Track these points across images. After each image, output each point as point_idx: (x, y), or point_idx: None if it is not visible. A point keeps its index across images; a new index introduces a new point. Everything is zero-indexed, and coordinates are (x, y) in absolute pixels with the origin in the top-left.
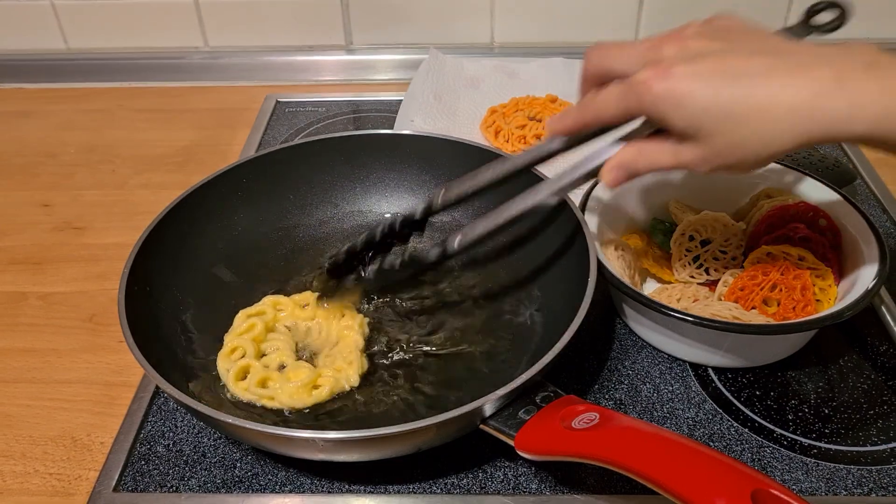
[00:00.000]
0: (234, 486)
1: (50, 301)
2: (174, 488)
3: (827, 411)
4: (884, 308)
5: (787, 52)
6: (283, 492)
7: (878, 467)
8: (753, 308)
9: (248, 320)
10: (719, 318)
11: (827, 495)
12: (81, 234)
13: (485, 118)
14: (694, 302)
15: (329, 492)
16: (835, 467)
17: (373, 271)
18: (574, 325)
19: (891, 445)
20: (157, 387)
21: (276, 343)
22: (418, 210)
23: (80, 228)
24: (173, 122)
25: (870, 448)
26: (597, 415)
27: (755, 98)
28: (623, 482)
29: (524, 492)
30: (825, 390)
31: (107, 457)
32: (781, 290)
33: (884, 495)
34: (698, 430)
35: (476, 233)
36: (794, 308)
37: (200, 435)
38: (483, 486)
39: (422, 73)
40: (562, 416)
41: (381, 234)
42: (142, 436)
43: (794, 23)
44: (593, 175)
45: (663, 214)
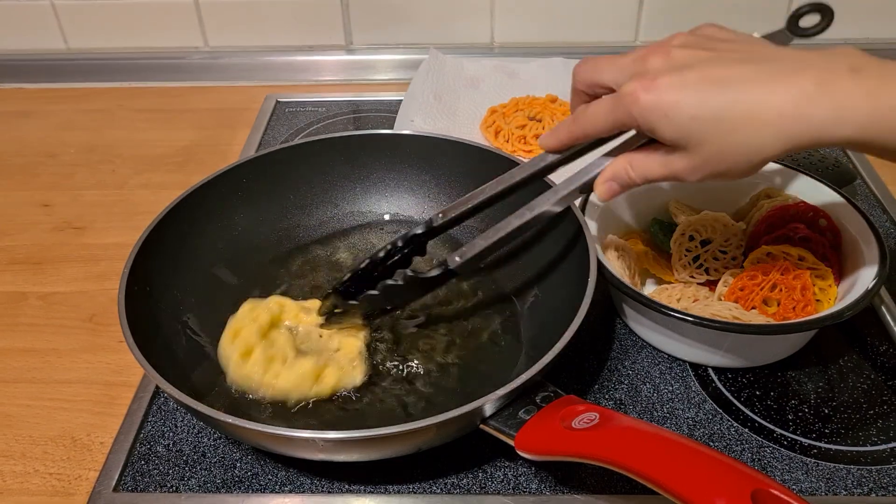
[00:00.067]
0: (234, 486)
1: (50, 301)
2: (174, 488)
3: (827, 411)
4: (884, 308)
5: (772, 58)
6: (283, 492)
7: (878, 467)
8: (753, 308)
9: (255, 310)
10: (719, 318)
11: (827, 495)
12: (81, 234)
13: (485, 118)
14: (694, 302)
15: (329, 492)
16: (835, 467)
17: (377, 292)
18: (574, 325)
19: (891, 445)
20: (157, 387)
21: (277, 339)
22: (419, 230)
23: (80, 228)
24: (173, 122)
25: (870, 448)
26: (597, 415)
27: (742, 105)
28: (623, 482)
29: (524, 492)
30: (825, 390)
31: (107, 457)
32: (781, 290)
33: (884, 495)
34: (698, 430)
35: (476, 250)
36: (794, 308)
37: (200, 435)
38: (483, 486)
39: (422, 73)
40: (562, 416)
41: (384, 256)
42: (142, 436)
43: (780, 27)
44: (588, 187)
45: (663, 214)
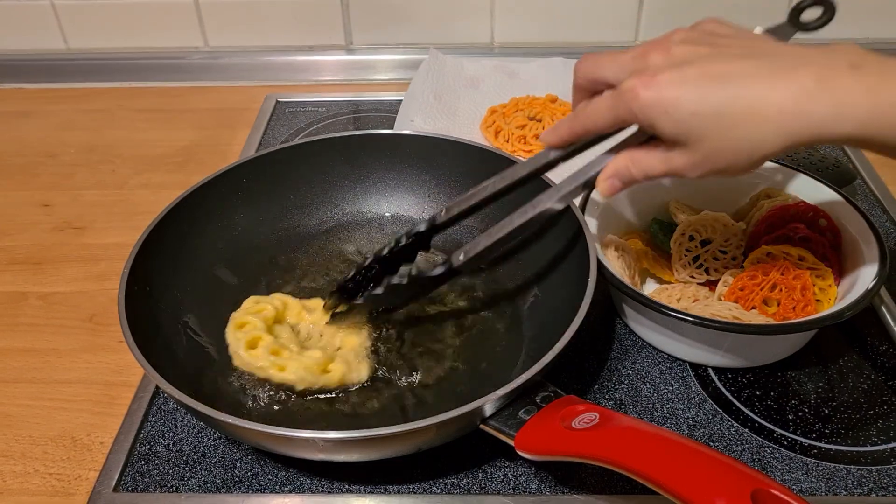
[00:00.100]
0: (233, 486)
1: (50, 301)
2: (174, 488)
3: (827, 411)
4: (884, 308)
5: (772, 54)
6: (283, 492)
7: (878, 467)
8: (753, 308)
9: (258, 304)
10: (719, 318)
11: (827, 495)
12: (81, 234)
13: (485, 118)
14: (694, 302)
15: (329, 492)
16: (835, 467)
17: (381, 291)
18: (574, 325)
19: (891, 445)
20: (157, 387)
21: (281, 334)
22: (422, 226)
23: (80, 228)
24: (173, 122)
25: (870, 448)
26: (597, 415)
27: (742, 101)
28: (623, 482)
29: (524, 492)
30: (825, 390)
31: (107, 457)
32: (781, 290)
33: (884, 495)
34: (698, 430)
35: (479, 247)
36: (794, 308)
37: (200, 435)
38: (483, 486)
39: (422, 73)
40: (562, 416)
41: (387, 253)
42: (142, 436)
43: (781, 21)
44: (591, 184)
45: (663, 214)
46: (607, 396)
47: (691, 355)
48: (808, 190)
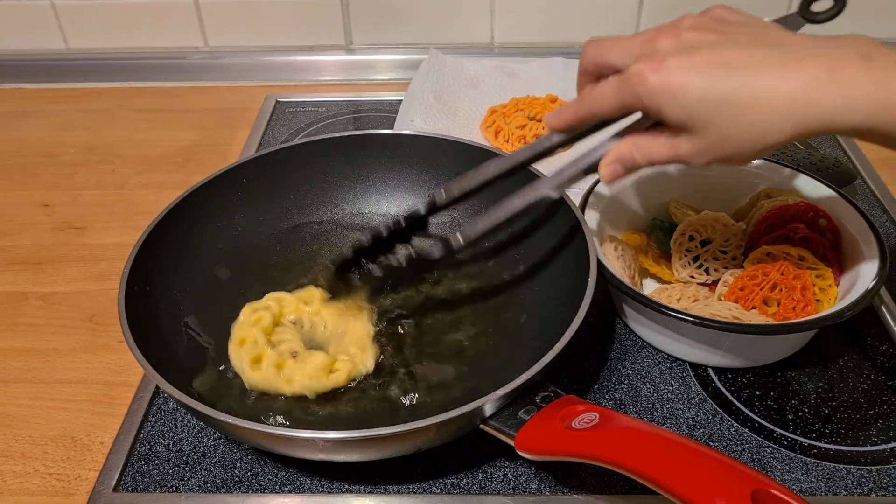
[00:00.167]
0: (233, 486)
1: (50, 301)
2: (174, 488)
3: (827, 411)
4: (884, 308)
5: (782, 43)
6: (283, 492)
7: (878, 467)
8: (753, 308)
9: (256, 313)
10: (719, 318)
11: (827, 495)
12: (81, 234)
13: (485, 118)
14: (694, 302)
15: (329, 492)
16: (835, 467)
17: (378, 268)
18: (574, 325)
19: (891, 445)
20: (157, 387)
21: (284, 335)
22: (422, 207)
23: (80, 228)
24: (173, 122)
25: (870, 448)
26: (597, 415)
27: (750, 89)
28: (623, 482)
29: (524, 492)
30: (825, 390)
31: (107, 457)
32: (781, 290)
33: (884, 495)
34: (698, 430)
35: (478, 228)
36: (794, 308)
37: (200, 435)
38: (483, 486)
39: (422, 73)
40: (562, 416)
41: (386, 232)
42: (142, 436)
43: (792, 11)
44: (592, 169)
45: (663, 214)
46: (607, 396)
47: (691, 355)
48: (808, 190)
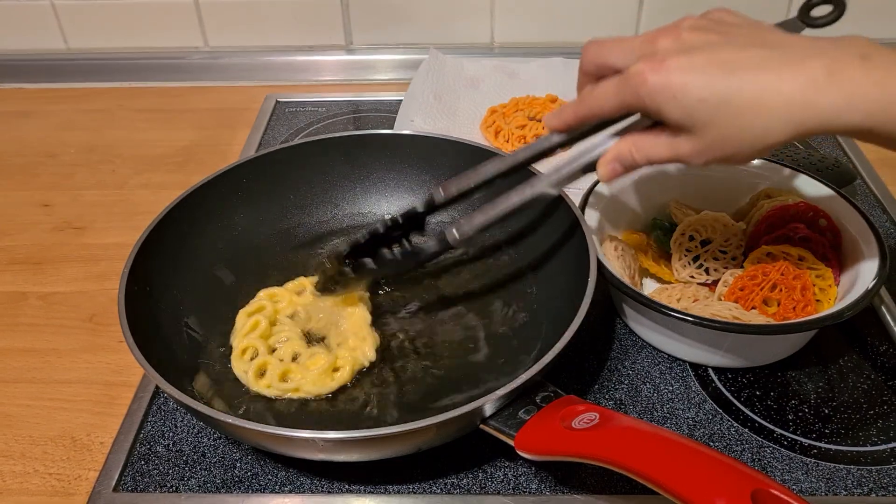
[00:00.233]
0: (233, 486)
1: (50, 301)
2: (174, 488)
3: (827, 411)
4: (884, 308)
5: (781, 44)
6: (282, 492)
7: (878, 467)
8: (753, 308)
9: (251, 319)
10: (719, 318)
11: (827, 495)
12: (81, 234)
13: (485, 118)
14: (694, 302)
15: (329, 492)
16: (835, 467)
17: (374, 263)
18: (574, 325)
19: (891, 445)
20: (157, 387)
21: (283, 335)
22: (420, 205)
23: (80, 228)
24: (173, 122)
25: (870, 448)
26: (597, 415)
27: (749, 90)
28: (623, 482)
29: (524, 492)
30: (825, 390)
31: (106, 457)
32: (781, 290)
33: (884, 495)
34: (698, 430)
35: (474, 224)
36: (794, 308)
37: (200, 435)
38: (483, 486)
39: (422, 73)
40: (562, 416)
41: (383, 229)
42: (142, 436)
43: (791, 16)
44: (591, 168)
45: (663, 214)
46: (607, 396)
47: (691, 355)
48: (808, 190)
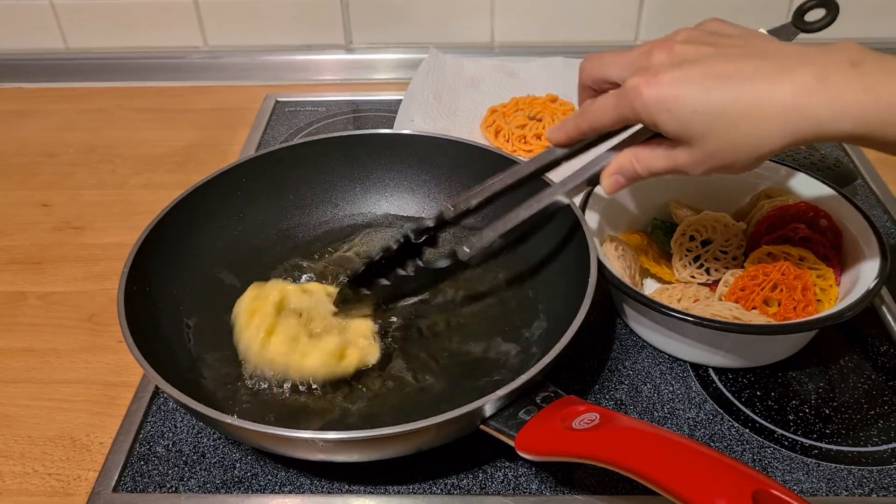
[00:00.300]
0: (233, 486)
1: (49, 301)
2: (174, 489)
3: (828, 412)
4: (884, 308)
5: (774, 53)
6: (282, 492)
7: (879, 468)
8: (754, 308)
9: (263, 290)
10: (720, 319)
11: (828, 496)
12: (81, 233)
13: (485, 118)
14: (694, 302)
15: (329, 492)
16: (836, 468)
17: (388, 281)
18: (574, 325)
19: (892, 446)
20: (157, 387)
21: (289, 321)
22: (430, 223)
23: (80, 228)
24: (173, 122)
25: (871, 448)
26: (597, 415)
27: (743, 100)
28: (623, 483)
29: (524, 492)
30: (826, 391)
31: (106, 457)
32: (782, 290)
33: (885, 496)
34: (699, 430)
35: (484, 241)
36: (794, 308)
37: (200, 435)
38: (483, 486)
39: (422, 72)
40: (562, 416)
41: (396, 246)
42: (141, 436)
43: (784, 22)
44: (595, 180)
45: (664, 214)
46: (608, 397)
47: (692, 355)
48: (808, 190)
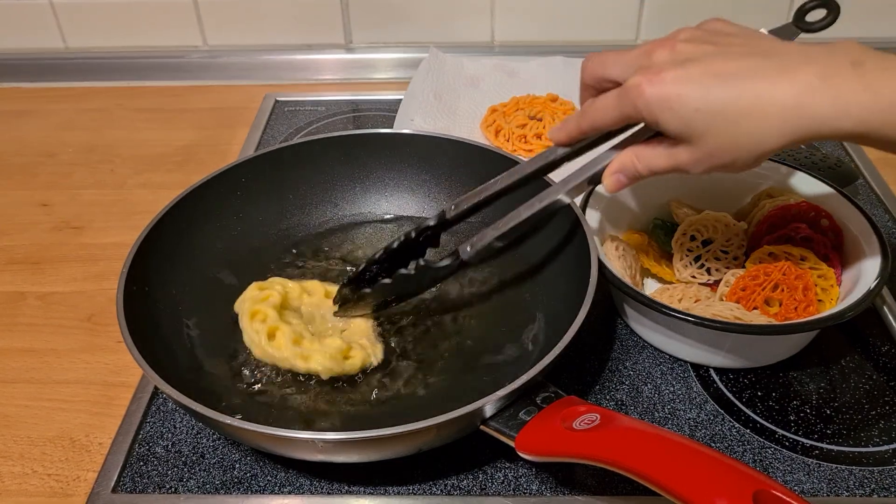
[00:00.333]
0: (233, 487)
1: (48, 301)
2: (173, 489)
3: (829, 412)
4: (886, 308)
5: (775, 52)
6: (282, 493)
7: (880, 468)
8: (755, 308)
9: (263, 291)
10: (721, 319)
11: (829, 496)
12: (80, 233)
13: (485, 117)
14: (695, 302)
15: (328, 493)
16: (837, 468)
17: (389, 281)
18: (575, 325)
19: (893, 446)
20: (156, 387)
21: (292, 320)
22: (432, 222)
23: (79, 228)
24: (173, 121)
25: (872, 449)
26: (598, 415)
27: (744, 99)
28: (624, 483)
29: (525, 493)
30: (827, 391)
31: (105, 458)
32: (783, 290)
33: (886, 496)
34: (700, 430)
35: (486, 240)
36: (795, 308)
37: (199, 436)
38: (483, 487)
39: (422, 72)
40: (562, 416)
41: (398, 245)
42: (140, 436)
43: (786, 22)
44: (596, 179)
45: (664, 214)
46: (608, 397)
47: (693, 356)
48: (809, 189)
